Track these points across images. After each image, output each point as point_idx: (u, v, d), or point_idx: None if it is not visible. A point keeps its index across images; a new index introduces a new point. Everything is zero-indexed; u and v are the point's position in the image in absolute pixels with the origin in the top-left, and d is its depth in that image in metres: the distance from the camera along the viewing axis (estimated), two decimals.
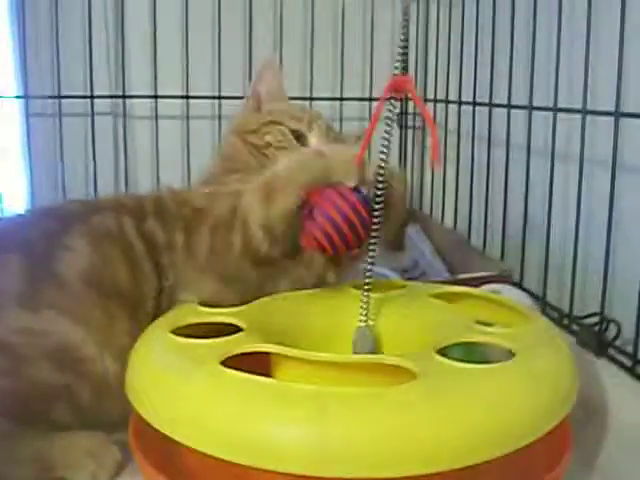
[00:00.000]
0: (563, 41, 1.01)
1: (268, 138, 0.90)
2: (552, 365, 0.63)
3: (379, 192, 0.70)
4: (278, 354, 0.63)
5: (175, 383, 0.59)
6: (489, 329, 0.68)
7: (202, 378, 0.58)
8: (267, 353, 0.65)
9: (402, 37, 0.71)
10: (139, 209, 0.85)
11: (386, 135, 0.69)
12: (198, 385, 0.58)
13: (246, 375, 0.57)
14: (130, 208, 0.85)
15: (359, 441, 0.51)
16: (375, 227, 0.71)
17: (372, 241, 0.71)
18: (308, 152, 0.79)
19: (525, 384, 0.58)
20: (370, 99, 1.55)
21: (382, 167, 0.69)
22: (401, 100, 0.67)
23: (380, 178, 0.69)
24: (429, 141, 1.59)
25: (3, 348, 0.72)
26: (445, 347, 0.64)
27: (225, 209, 0.79)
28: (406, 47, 0.71)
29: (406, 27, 0.74)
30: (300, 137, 0.90)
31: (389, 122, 0.69)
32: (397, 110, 0.72)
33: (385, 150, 0.69)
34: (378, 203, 0.70)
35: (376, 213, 0.70)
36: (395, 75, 0.70)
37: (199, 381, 0.58)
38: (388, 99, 0.69)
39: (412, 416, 0.53)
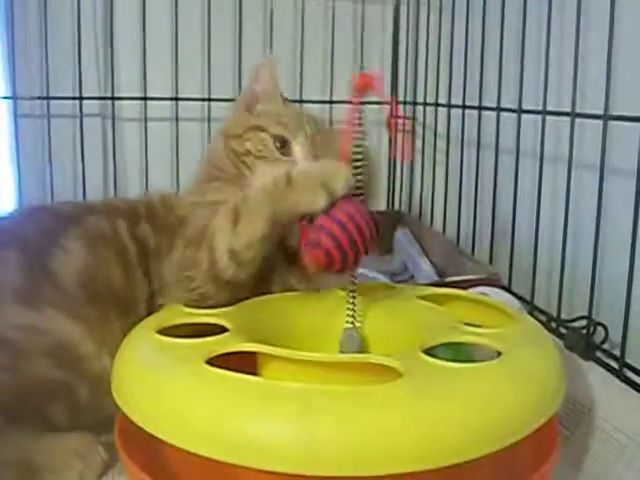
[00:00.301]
0: (552, 44, 1.01)
1: (248, 145, 0.88)
2: (539, 364, 0.63)
3: (358, 192, 0.71)
4: (264, 354, 0.63)
5: (160, 382, 0.59)
6: (476, 330, 0.68)
7: (187, 377, 0.58)
8: (253, 353, 0.65)
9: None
10: (133, 212, 0.86)
11: (359, 135, 0.70)
12: (183, 384, 0.57)
13: (231, 373, 0.56)
14: (124, 211, 0.85)
15: (345, 439, 0.51)
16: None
17: None
18: (277, 178, 0.74)
19: (511, 383, 0.58)
20: (361, 103, 1.54)
21: (358, 171, 0.70)
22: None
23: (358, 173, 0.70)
24: (418, 143, 1.59)
25: (2, 343, 0.72)
26: (432, 347, 0.64)
27: (198, 226, 0.79)
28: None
29: None
30: (285, 144, 0.87)
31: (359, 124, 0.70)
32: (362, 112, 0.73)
33: (359, 157, 0.71)
34: (356, 195, 0.71)
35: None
36: (361, 73, 0.70)
37: (184, 380, 0.58)
38: (361, 102, 0.70)
39: (398, 414, 0.53)
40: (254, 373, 0.64)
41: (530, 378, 0.60)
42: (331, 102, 1.54)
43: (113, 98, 1.44)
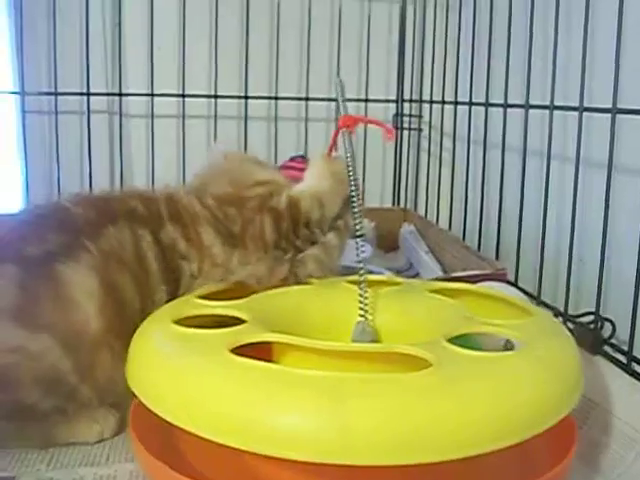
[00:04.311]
0: (560, 39, 1.01)
1: None
2: (562, 355, 0.63)
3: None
4: (285, 344, 0.63)
5: (186, 372, 0.58)
6: (495, 321, 0.68)
7: (214, 366, 0.57)
8: (269, 345, 0.65)
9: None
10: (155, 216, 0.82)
11: (349, 161, 0.77)
12: (210, 373, 0.57)
13: (260, 362, 0.56)
14: (145, 217, 0.81)
15: (382, 427, 0.50)
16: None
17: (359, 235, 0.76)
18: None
19: (539, 371, 0.58)
20: (366, 100, 1.55)
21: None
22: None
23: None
24: (424, 142, 1.60)
25: None
26: (455, 337, 0.64)
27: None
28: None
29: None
30: None
31: (349, 152, 0.77)
32: (352, 143, 0.79)
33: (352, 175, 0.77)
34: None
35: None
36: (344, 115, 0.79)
37: (211, 369, 0.57)
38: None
39: (433, 403, 0.52)
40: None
41: (556, 368, 0.60)
42: (307, 99, 1.54)
43: (120, 94, 1.44)
